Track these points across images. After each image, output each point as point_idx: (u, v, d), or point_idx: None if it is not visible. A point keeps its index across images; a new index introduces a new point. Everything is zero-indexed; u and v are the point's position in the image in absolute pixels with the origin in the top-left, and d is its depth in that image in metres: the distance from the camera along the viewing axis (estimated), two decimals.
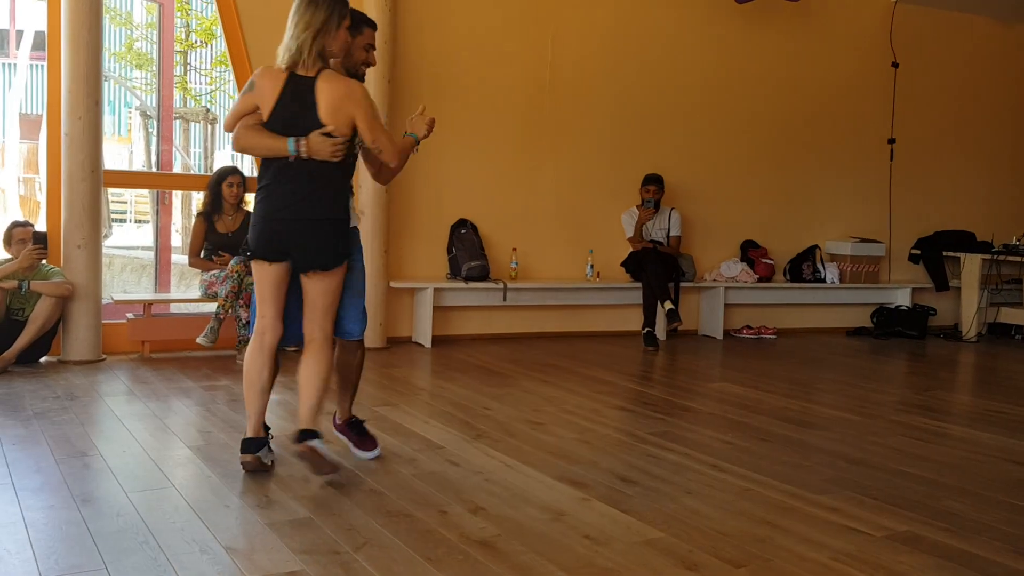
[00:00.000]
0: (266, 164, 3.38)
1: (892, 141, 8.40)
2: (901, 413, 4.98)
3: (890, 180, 8.45)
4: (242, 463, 3.43)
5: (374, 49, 3.55)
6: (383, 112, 6.38)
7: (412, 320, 6.77)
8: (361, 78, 3.51)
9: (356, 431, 3.75)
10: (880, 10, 8.30)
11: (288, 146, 3.25)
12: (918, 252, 8.65)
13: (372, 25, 3.54)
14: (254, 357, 3.43)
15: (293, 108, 3.27)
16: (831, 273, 8.10)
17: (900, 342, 7.84)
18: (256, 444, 3.44)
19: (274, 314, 3.43)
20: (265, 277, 3.40)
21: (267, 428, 3.59)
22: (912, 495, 3.47)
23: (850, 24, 8.24)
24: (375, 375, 5.57)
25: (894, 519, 3.18)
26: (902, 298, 8.36)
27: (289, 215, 3.31)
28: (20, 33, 20.46)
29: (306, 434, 3.34)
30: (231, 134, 3.40)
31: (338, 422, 3.80)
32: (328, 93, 3.26)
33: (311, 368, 3.38)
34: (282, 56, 3.30)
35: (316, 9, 3.26)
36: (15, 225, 5.45)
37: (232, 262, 5.71)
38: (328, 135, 3.25)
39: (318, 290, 3.37)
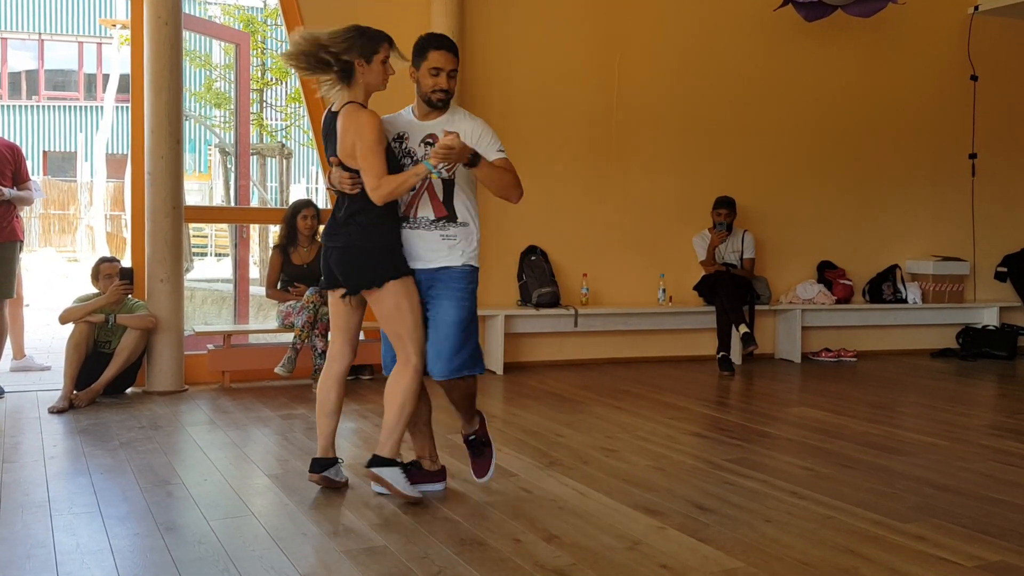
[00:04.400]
0: None
1: (973, 156, 8.15)
2: (991, 437, 4.79)
3: (972, 196, 8.20)
4: (309, 480, 3.61)
5: (445, 72, 3.40)
6: None
7: (484, 347, 6.78)
8: (436, 104, 3.45)
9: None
10: (956, 22, 8.10)
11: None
12: (1004, 270, 8.35)
13: (442, 47, 3.43)
14: (322, 380, 3.61)
15: (329, 143, 3.44)
16: (913, 293, 7.87)
17: (988, 363, 7.55)
18: (320, 464, 3.60)
19: (342, 341, 3.56)
20: (331, 304, 3.57)
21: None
22: (1004, 523, 3.33)
23: (925, 38, 8.05)
24: (448, 402, 5.59)
25: (986, 548, 3.05)
26: (989, 317, 8.06)
27: (331, 243, 3.46)
28: (107, 77, 21.41)
29: (373, 460, 3.50)
30: None
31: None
32: (340, 127, 3.34)
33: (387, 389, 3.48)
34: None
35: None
36: (103, 261, 5.67)
37: (308, 293, 5.82)
38: (343, 168, 3.35)
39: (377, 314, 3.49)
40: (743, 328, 6.71)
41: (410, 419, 3.50)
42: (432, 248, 3.45)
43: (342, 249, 3.41)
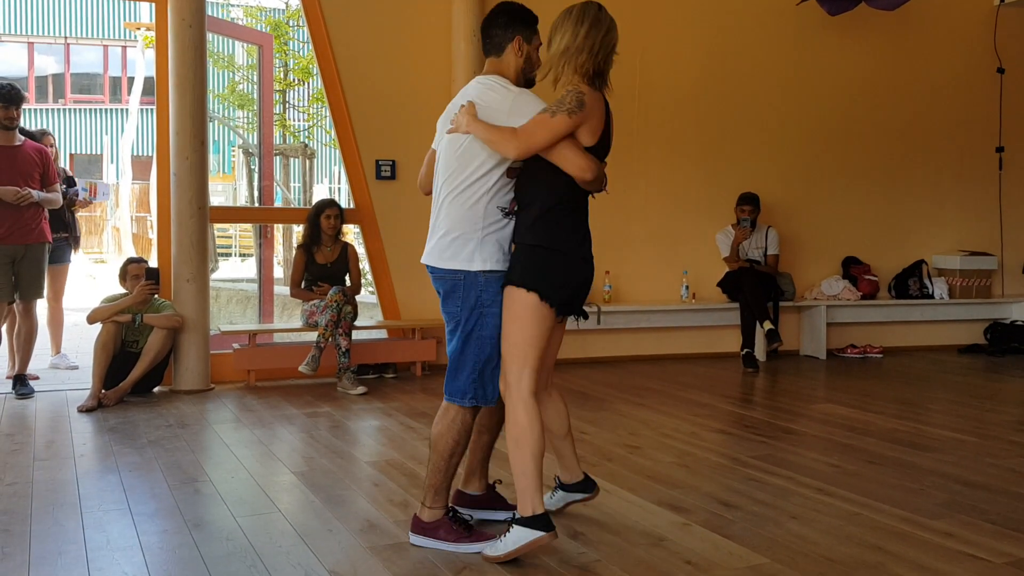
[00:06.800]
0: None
1: (1000, 149, 8.06)
2: (1020, 433, 4.73)
3: (1000, 190, 8.11)
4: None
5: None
6: None
7: None
8: (534, 82, 3.10)
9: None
10: (982, 15, 8.01)
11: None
12: None
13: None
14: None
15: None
16: (939, 288, 7.80)
17: (1017, 359, 7.46)
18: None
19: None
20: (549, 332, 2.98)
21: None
22: None
23: (951, 30, 7.96)
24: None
25: (1015, 545, 3.02)
26: (1018, 313, 7.97)
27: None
28: (131, 80, 21.61)
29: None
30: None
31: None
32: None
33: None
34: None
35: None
36: (130, 262, 5.73)
37: (331, 292, 5.85)
38: None
39: None
40: (767, 325, 6.68)
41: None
42: None
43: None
